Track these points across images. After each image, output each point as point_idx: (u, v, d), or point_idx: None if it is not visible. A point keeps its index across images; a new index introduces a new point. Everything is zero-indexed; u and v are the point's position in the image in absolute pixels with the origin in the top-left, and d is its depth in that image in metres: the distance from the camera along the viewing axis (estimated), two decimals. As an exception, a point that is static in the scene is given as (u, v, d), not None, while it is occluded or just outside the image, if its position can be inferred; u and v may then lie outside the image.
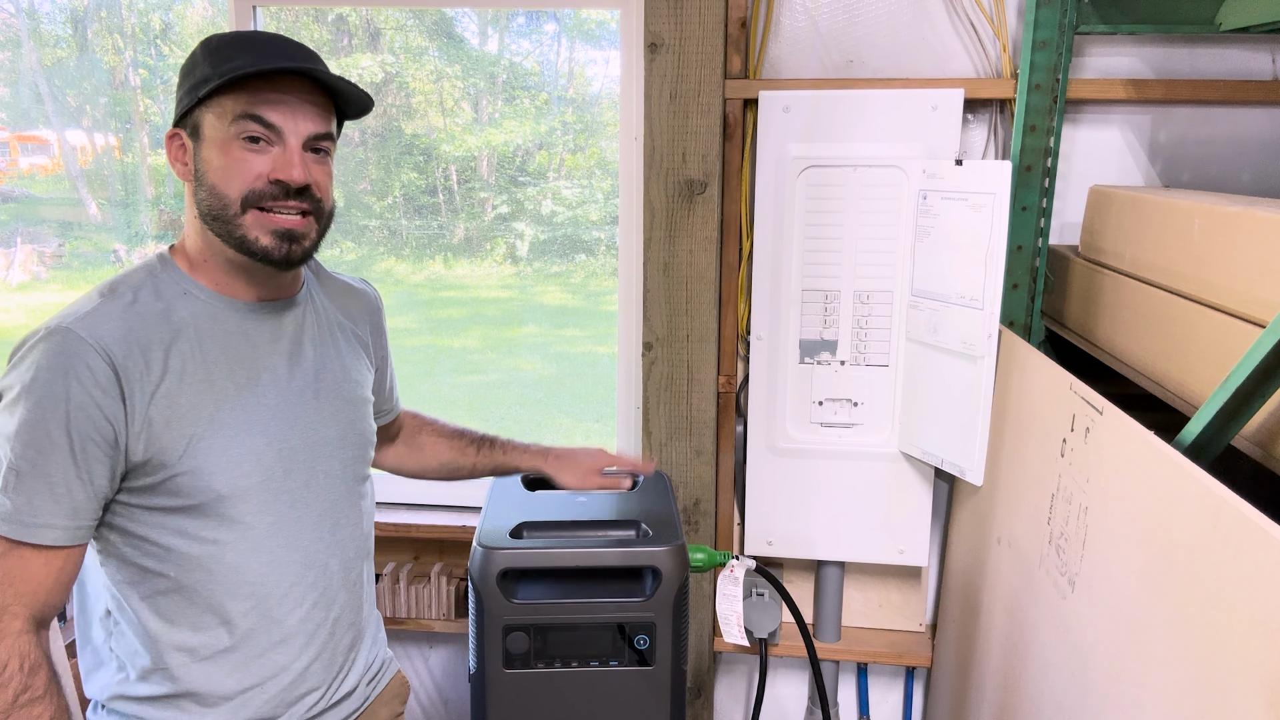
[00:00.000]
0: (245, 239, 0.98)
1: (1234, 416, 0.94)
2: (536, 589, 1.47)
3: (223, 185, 0.97)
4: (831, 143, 1.67)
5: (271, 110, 0.96)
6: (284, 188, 0.97)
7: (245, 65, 0.93)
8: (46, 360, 0.91)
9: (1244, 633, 0.75)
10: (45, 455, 0.90)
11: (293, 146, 0.97)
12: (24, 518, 0.90)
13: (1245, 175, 1.70)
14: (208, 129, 0.97)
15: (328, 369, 1.10)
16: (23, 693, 0.90)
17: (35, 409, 0.90)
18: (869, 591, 1.94)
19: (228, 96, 0.95)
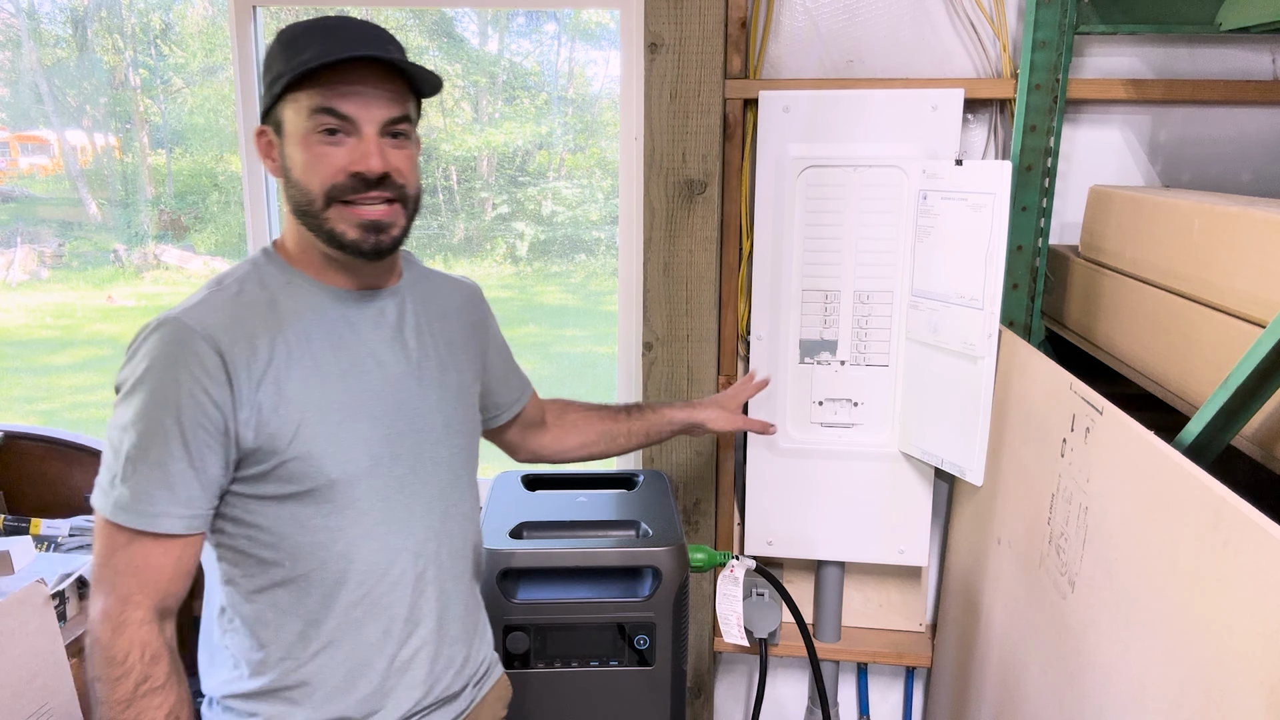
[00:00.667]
0: (333, 233, 0.98)
1: (1234, 416, 0.94)
2: (536, 589, 1.47)
3: (306, 181, 0.97)
4: (831, 143, 1.67)
5: (345, 101, 0.95)
6: (363, 179, 0.97)
7: (315, 57, 0.93)
8: (157, 351, 0.92)
9: (1244, 633, 0.75)
10: (159, 445, 0.91)
11: (369, 136, 0.96)
12: (141, 507, 0.91)
13: (1245, 175, 1.70)
14: (288, 124, 0.97)
15: (429, 358, 1.10)
16: (143, 682, 0.91)
17: (148, 399, 0.91)
18: (869, 591, 1.94)
19: (303, 90, 0.95)
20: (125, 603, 0.92)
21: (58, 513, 1.96)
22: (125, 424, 0.92)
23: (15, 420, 2.18)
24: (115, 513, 0.92)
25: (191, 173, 2.72)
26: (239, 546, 1.00)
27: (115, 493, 0.92)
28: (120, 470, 0.92)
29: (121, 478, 0.92)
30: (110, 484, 0.93)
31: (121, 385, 0.94)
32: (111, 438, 0.93)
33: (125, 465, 0.92)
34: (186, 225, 2.86)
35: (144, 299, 3.23)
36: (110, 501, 0.93)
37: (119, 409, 0.93)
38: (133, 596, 0.92)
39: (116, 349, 3.49)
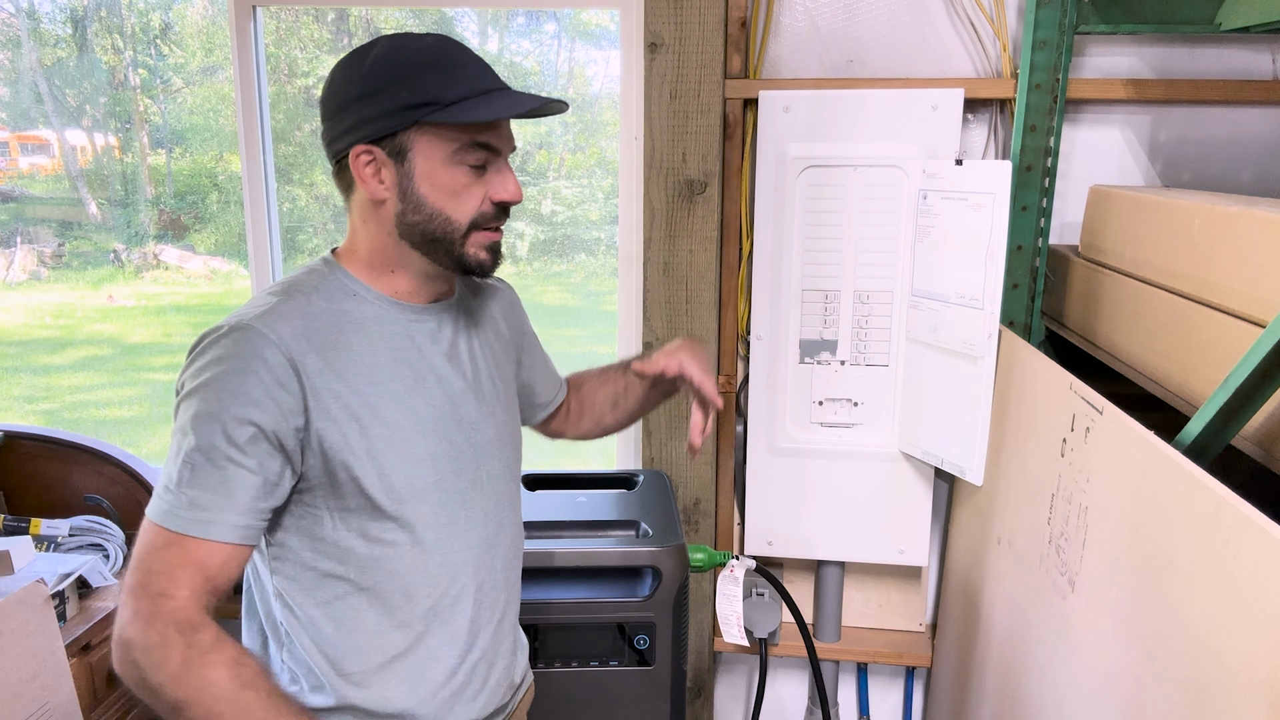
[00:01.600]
0: (464, 256, 1.00)
1: (1234, 416, 0.94)
2: (537, 589, 1.47)
3: (450, 210, 0.98)
4: (831, 143, 1.67)
5: (496, 136, 0.99)
6: (504, 207, 1.01)
7: (467, 92, 0.95)
8: (228, 354, 0.90)
9: (1244, 633, 0.75)
10: (221, 449, 0.89)
11: (504, 164, 1.00)
12: (194, 513, 0.88)
13: (1245, 175, 1.70)
14: (422, 153, 0.96)
15: (482, 369, 1.11)
16: (189, 648, 0.87)
17: (212, 403, 0.89)
18: (869, 591, 1.94)
19: (450, 124, 0.96)
20: (158, 597, 0.88)
21: (57, 513, 1.96)
22: (186, 426, 0.89)
23: (15, 420, 2.18)
24: (165, 517, 0.88)
25: (191, 173, 2.72)
26: (304, 560, 0.99)
27: (170, 496, 0.89)
28: (177, 474, 0.89)
29: (178, 482, 0.89)
30: (165, 488, 0.90)
31: (184, 387, 0.91)
32: (173, 440, 0.91)
33: (183, 468, 0.89)
34: (186, 225, 2.86)
35: (144, 299, 3.23)
36: (163, 505, 0.89)
37: (182, 410, 0.90)
38: (167, 591, 0.88)
39: (116, 349, 3.50)
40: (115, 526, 1.94)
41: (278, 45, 2.23)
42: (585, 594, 1.47)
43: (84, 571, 1.75)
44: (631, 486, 1.74)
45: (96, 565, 1.79)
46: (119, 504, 1.98)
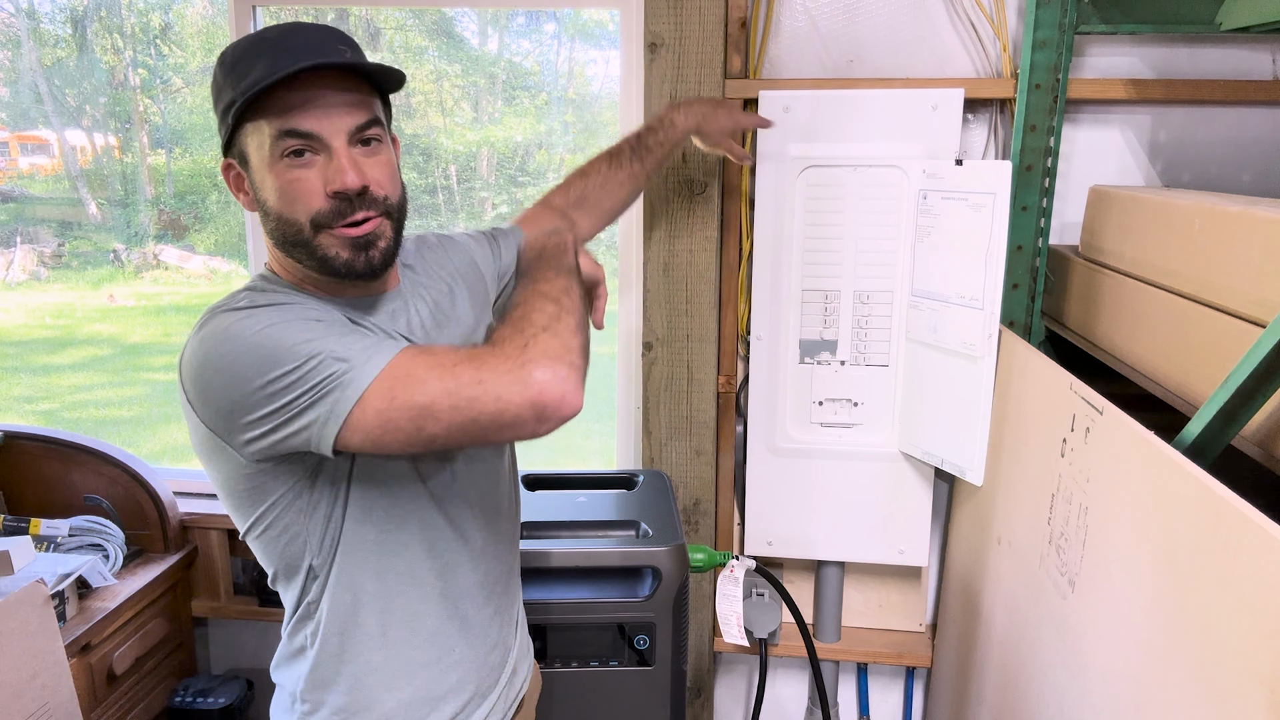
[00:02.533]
0: (325, 258, 0.93)
1: (1234, 416, 0.94)
2: (537, 589, 1.47)
3: (287, 212, 0.91)
4: (831, 142, 1.67)
5: (305, 118, 0.88)
6: (344, 197, 0.90)
7: (261, 77, 0.86)
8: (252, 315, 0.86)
9: (1244, 633, 0.75)
10: (328, 325, 0.87)
11: (338, 149, 0.90)
12: (369, 351, 0.85)
13: (1245, 175, 1.70)
14: (253, 154, 0.91)
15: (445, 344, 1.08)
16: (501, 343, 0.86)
17: (287, 328, 0.85)
18: (869, 591, 1.94)
19: (260, 116, 0.88)
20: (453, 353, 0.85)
21: (57, 513, 1.96)
22: (286, 363, 0.82)
23: (15, 420, 2.18)
24: (379, 359, 0.82)
25: (191, 173, 2.72)
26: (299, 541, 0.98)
27: (363, 360, 0.83)
28: (342, 355, 0.83)
29: (350, 356, 0.83)
30: (337, 374, 0.82)
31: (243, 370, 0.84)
32: (291, 388, 0.83)
33: (325, 358, 0.83)
34: (186, 225, 2.86)
35: (144, 299, 3.23)
36: (366, 368, 0.82)
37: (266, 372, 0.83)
38: (428, 378, 0.83)
39: (116, 349, 3.50)
40: (115, 526, 1.94)
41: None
42: (585, 594, 1.47)
43: (84, 571, 1.75)
44: (631, 486, 1.74)
45: (96, 565, 1.79)
46: (119, 504, 1.98)
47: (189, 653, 2.08)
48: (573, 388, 0.82)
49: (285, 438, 0.86)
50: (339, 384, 0.83)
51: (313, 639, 1.02)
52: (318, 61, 0.87)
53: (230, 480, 0.94)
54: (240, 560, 2.09)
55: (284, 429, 0.86)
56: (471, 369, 0.82)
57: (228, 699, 1.94)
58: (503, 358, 0.83)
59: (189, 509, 2.06)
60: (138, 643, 1.85)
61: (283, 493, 0.94)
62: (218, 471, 0.94)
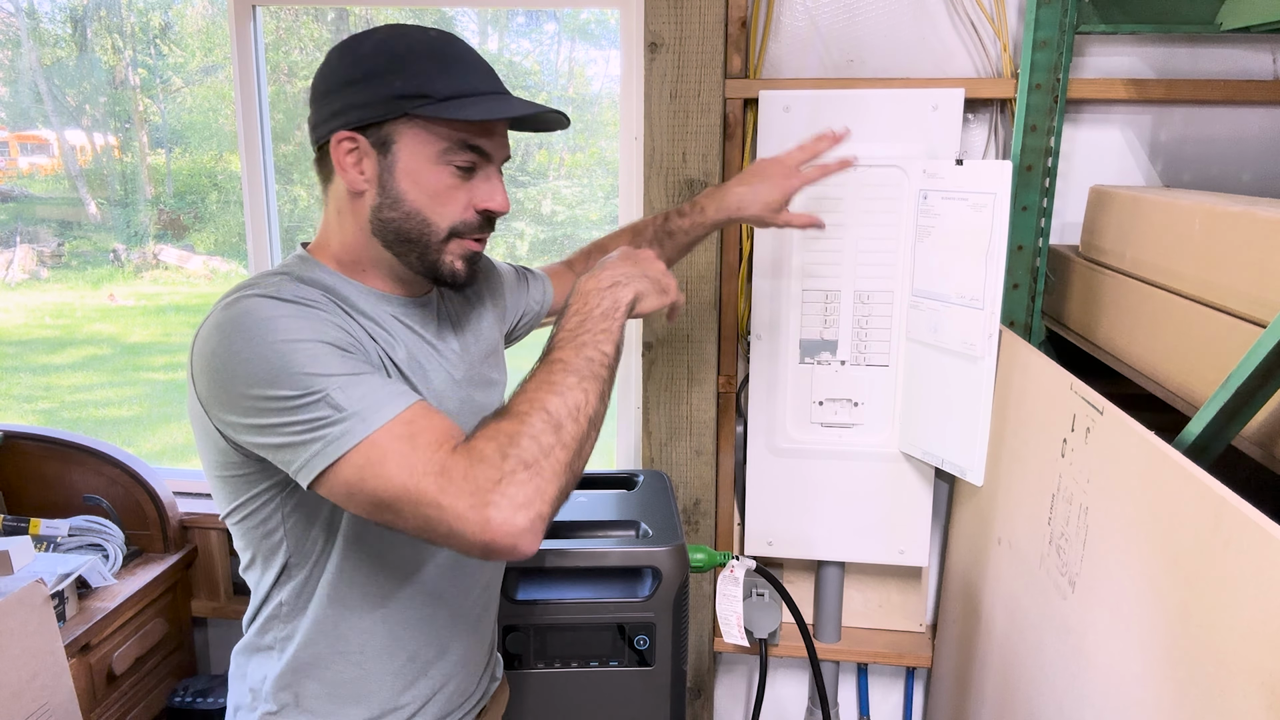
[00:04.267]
0: (439, 264, 0.95)
1: (1234, 416, 0.94)
2: (536, 589, 1.47)
3: (430, 214, 0.93)
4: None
5: (488, 140, 0.94)
6: (488, 217, 0.96)
7: (462, 89, 0.91)
8: (269, 314, 0.84)
9: (1244, 633, 0.75)
10: (339, 357, 0.83)
11: (494, 174, 0.96)
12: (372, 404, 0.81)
13: (1246, 175, 1.70)
14: (407, 148, 0.92)
15: (470, 357, 1.09)
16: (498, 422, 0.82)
17: (297, 346, 0.82)
18: (869, 592, 1.94)
19: (438, 119, 0.91)
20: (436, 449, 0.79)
21: (57, 513, 1.96)
22: (293, 384, 0.80)
23: (14, 420, 2.18)
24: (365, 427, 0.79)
25: (191, 172, 2.72)
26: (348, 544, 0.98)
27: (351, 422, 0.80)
28: (335, 403, 0.80)
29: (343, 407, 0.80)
30: (332, 433, 0.80)
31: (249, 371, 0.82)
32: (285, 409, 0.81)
33: (333, 399, 0.80)
34: (186, 225, 2.86)
35: (143, 298, 3.23)
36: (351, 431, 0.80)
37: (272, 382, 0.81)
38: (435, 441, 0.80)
39: (116, 349, 3.49)
40: (115, 526, 1.94)
41: (277, 45, 2.23)
42: (585, 594, 1.47)
43: (83, 571, 1.75)
44: (631, 486, 1.74)
45: (96, 565, 1.79)
46: (118, 504, 1.98)
47: (189, 653, 2.08)
48: (529, 540, 0.78)
49: (265, 449, 0.85)
50: (323, 438, 0.81)
51: (283, 645, 1.01)
52: (529, 114, 0.95)
53: (217, 463, 0.92)
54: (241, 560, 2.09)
55: (267, 442, 0.84)
56: (436, 487, 0.78)
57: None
58: (470, 489, 0.77)
59: (189, 509, 2.06)
60: (137, 643, 1.85)
61: (268, 486, 0.93)
62: (205, 449, 0.92)
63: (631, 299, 0.95)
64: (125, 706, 1.83)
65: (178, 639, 2.03)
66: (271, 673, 1.02)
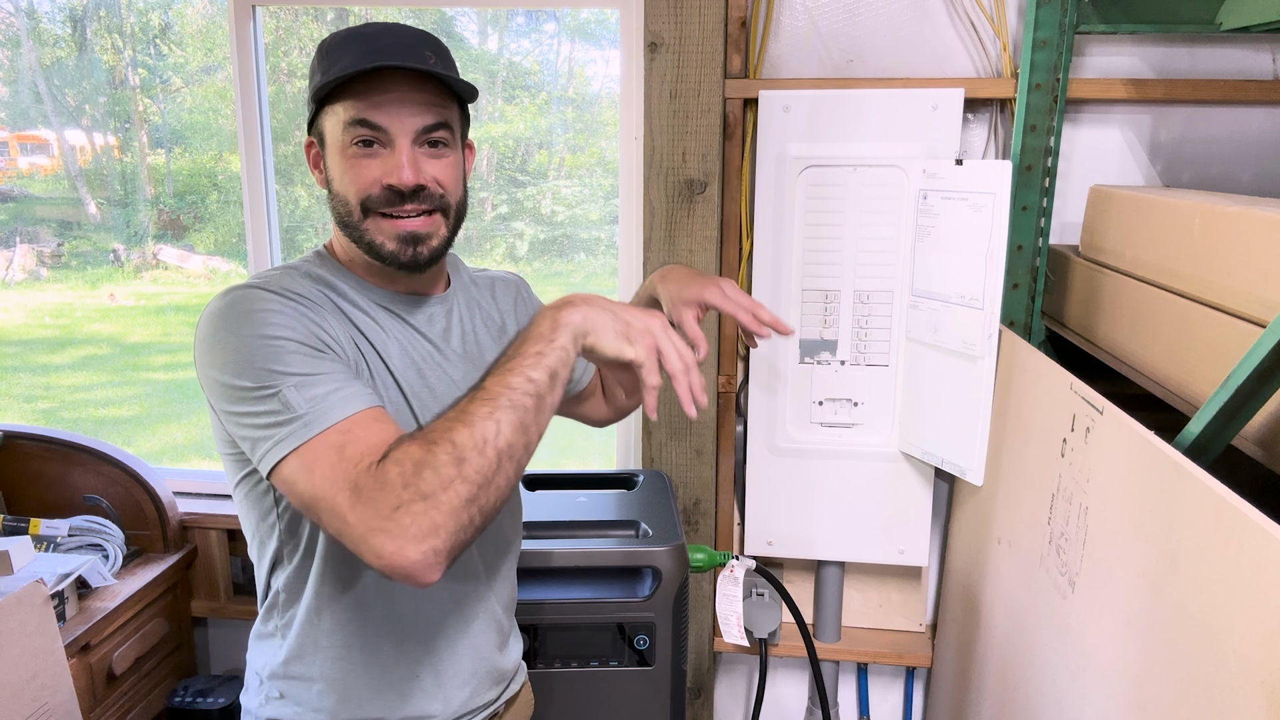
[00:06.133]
0: (372, 244, 0.97)
1: (1234, 416, 0.94)
2: (536, 589, 1.47)
3: (344, 193, 0.97)
4: (831, 142, 1.67)
5: (377, 112, 0.93)
6: (397, 191, 0.95)
7: (347, 67, 0.92)
8: (246, 308, 0.88)
9: (1244, 633, 0.75)
10: (304, 355, 0.86)
11: (401, 147, 0.95)
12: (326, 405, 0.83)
13: (1246, 175, 1.70)
14: (329, 136, 0.97)
15: (477, 364, 1.09)
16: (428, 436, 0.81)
17: (263, 342, 0.85)
18: (869, 591, 1.94)
19: (340, 102, 0.94)
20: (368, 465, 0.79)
21: (57, 513, 1.96)
22: (250, 378, 0.84)
23: (15, 420, 2.18)
24: (309, 429, 0.81)
25: (190, 172, 2.72)
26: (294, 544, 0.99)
27: (297, 426, 0.82)
28: (285, 402, 0.83)
29: (293, 408, 0.83)
30: (282, 433, 0.82)
31: (220, 358, 0.86)
32: (242, 401, 0.84)
33: (283, 398, 0.83)
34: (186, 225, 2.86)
35: (143, 298, 3.23)
36: (295, 434, 0.82)
37: (236, 374, 0.85)
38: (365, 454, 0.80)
39: (116, 348, 3.49)
40: (115, 526, 1.94)
41: (276, 45, 2.23)
42: (585, 594, 1.47)
43: (83, 571, 1.75)
44: (631, 486, 1.74)
45: (96, 565, 1.79)
46: (118, 504, 1.98)
47: (189, 653, 2.08)
48: (424, 572, 0.77)
49: (235, 436, 0.88)
50: (273, 436, 0.83)
51: (283, 632, 1.03)
52: (398, 63, 0.92)
53: (220, 439, 0.97)
54: (240, 560, 2.09)
55: (235, 430, 0.88)
56: (347, 502, 0.78)
57: (228, 699, 1.94)
58: (371, 512, 0.77)
59: (189, 509, 2.06)
60: (137, 643, 1.85)
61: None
62: (213, 425, 0.96)
63: (578, 323, 0.87)
64: (125, 706, 1.83)
65: (177, 639, 2.03)
66: (274, 660, 1.04)
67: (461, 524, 0.78)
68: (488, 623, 1.13)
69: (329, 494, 0.80)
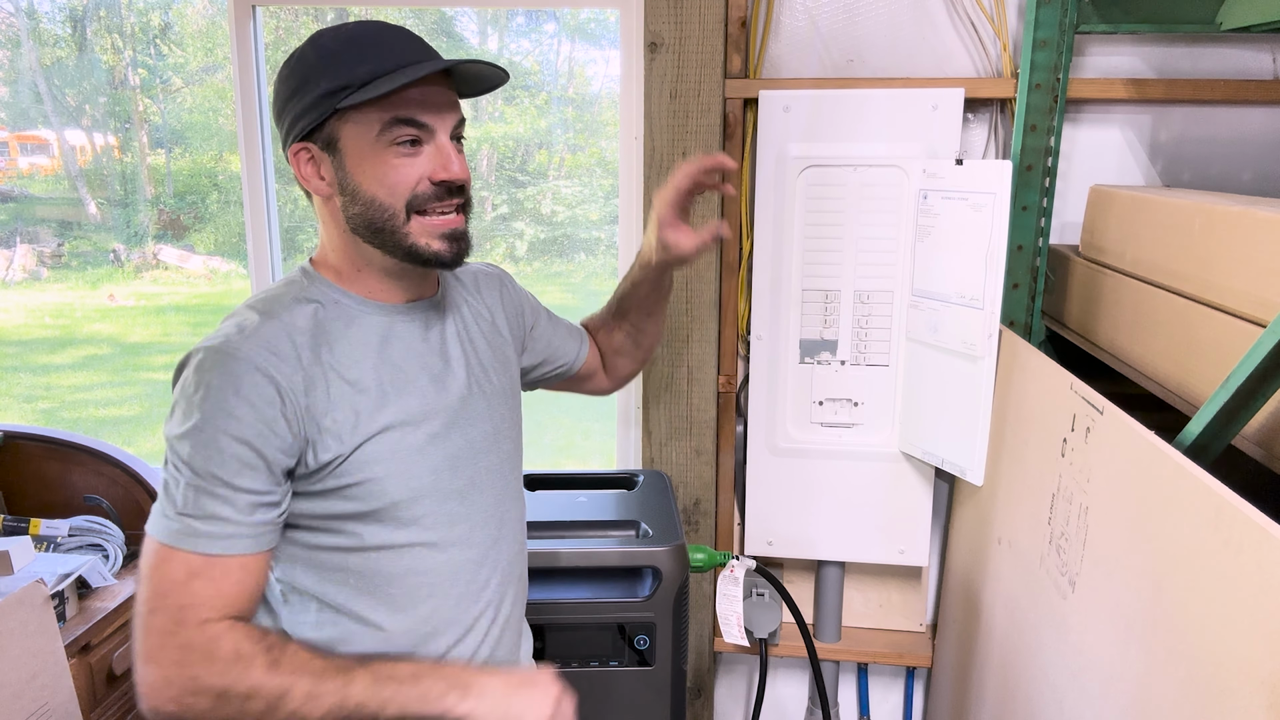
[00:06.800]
0: (414, 247, 0.96)
1: (1235, 416, 0.94)
2: (536, 589, 1.47)
3: (383, 196, 0.94)
4: (831, 142, 1.67)
5: (421, 110, 0.94)
6: (446, 187, 0.95)
7: (380, 69, 0.92)
8: (210, 379, 0.90)
9: (1244, 633, 0.75)
10: (215, 474, 0.88)
11: (444, 143, 0.96)
12: (204, 529, 0.89)
13: (1246, 175, 1.70)
14: (349, 140, 0.94)
15: (475, 365, 1.09)
16: (270, 652, 0.88)
17: (203, 427, 0.88)
18: (869, 591, 1.94)
19: (366, 105, 0.93)
20: (204, 625, 0.87)
21: (57, 513, 1.96)
22: (189, 453, 0.89)
23: (15, 420, 2.18)
24: (177, 538, 0.88)
25: (191, 172, 2.72)
26: (309, 571, 0.99)
27: (176, 519, 0.89)
28: (181, 497, 0.89)
29: (180, 504, 0.88)
30: (168, 511, 0.89)
31: (174, 411, 0.91)
32: (169, 458, 0.91)
33: (184, 491, 0.88)
34: (186, 225, 2.86)
35: (143, 298, 3.23)
36: (183, 533, 0.88)
37: (174, 436, 0.90)
38: (210, 617, 0.88)
39: (116, 348, 3.50)
40: (115, 526, 1.94)
41: (277, 45, 2.23)
42: (585, 594, 1.47)
43: (84, 572, 1.75)
44: (631, 486, 1.74)
45: (96, 565, 1.79)
46: (119, 504, 1.98)
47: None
48: (145, 709, 0.86)
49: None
50: (161, 510, 0.90)
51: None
52: (453, 61, 0.94)
53: None
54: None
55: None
56: (159, 625, 0.87)
57: (227, 699, 1.93)
58: (159, 652, 0.86)
59: (189, 509, 2.05)
60: (137, 643, 1.85)
61: None
62: None
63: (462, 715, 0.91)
64: (125, 706, 1.83)
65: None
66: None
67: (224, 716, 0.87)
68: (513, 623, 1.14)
69: (151, 603, 0.87)
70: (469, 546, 1.05)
